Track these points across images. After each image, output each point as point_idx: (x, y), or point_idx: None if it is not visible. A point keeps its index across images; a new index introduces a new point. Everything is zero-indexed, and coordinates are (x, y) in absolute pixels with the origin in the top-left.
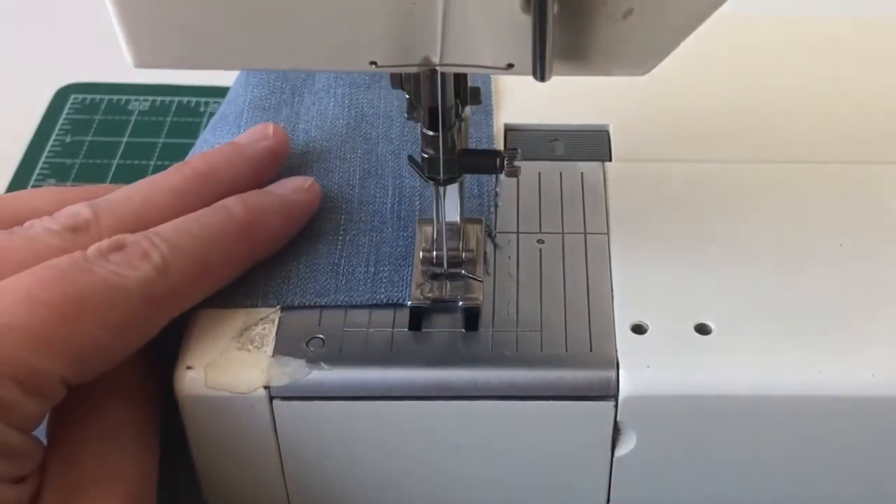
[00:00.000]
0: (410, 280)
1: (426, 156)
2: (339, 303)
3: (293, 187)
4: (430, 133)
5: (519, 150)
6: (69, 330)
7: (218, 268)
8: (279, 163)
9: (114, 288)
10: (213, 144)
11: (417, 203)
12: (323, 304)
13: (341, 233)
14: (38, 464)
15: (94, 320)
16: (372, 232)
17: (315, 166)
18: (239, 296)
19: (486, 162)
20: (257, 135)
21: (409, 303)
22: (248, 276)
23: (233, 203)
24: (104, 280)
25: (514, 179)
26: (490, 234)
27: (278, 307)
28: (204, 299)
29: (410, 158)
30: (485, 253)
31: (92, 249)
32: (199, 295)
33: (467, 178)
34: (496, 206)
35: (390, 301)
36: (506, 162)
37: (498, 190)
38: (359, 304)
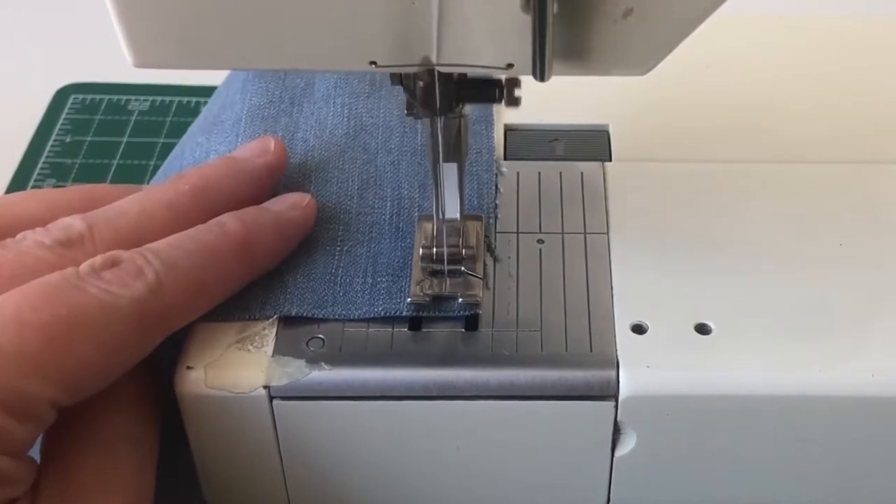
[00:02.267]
0: (408, 292)
1: (421, 84)
2: (336, 316)
3: (290, 204)
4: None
5: (520, 79)
6: (59, 352)
7: (213, 285)
8: (277, 178)
9: (106, 307)
10: (208, 150)
11: (416, 214)
12: (321, 316)
13: (339, 243)
14: (29, 485)
15: (86, 341)
16: (370, 243)
17: (313, 176)
18: (237, 308)
19: (486, 91)
20: (256, 150)
21: (408, 300)
22: (245, 288)
23: (229, 220)
24: (96, 299)
25: (515, 180)
26: (490, 248)
27: (275, 317)
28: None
29: (405, 88)
30: (485, 255)
31: (85, 266)
32: (194, 313)
33: (467, 179)
34: (496, 217)
35: (388, 314)
36: (506, 91)
37: (498, 202)
38: (356, 317)
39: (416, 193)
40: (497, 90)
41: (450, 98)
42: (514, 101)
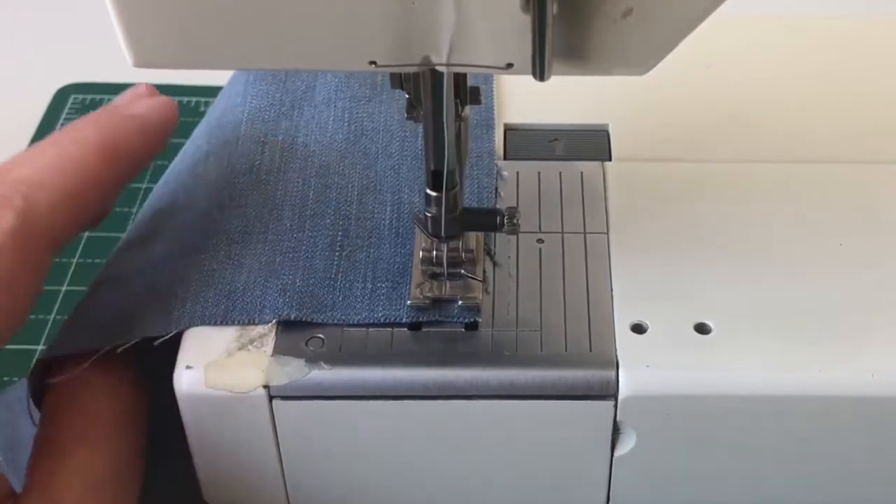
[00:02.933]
0: (408, 298)
1: (429, 215)
2: (336, 321)
3: (148, 105)
4: (433, 193)
5: (519, 210)
6: None
7: (87, 194)
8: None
9: None
10: (208, 152)
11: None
12: (320, 321)
13: (338, 249)
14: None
15: None
16: (369, 248)
17: (313, 181)
18: (236, 313)
19: (487, 220)
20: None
21: (408, 303)
22: (244, 293)
23: (86, 129)
24: None
25: (514, 181)
26: (489, 252)
27: (274, 322)
28: (202, 317)
29: (416, 217)
30: (484, 256)
31: None
32: (77, 222)
33: (467, 179)
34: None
35: (388, 321)
36: (506, 220)
37: (498, 207)
38: (356, 322)
39: (417, 198)
40: (498, 218)
41: (454, 227)
42: (514, 230)
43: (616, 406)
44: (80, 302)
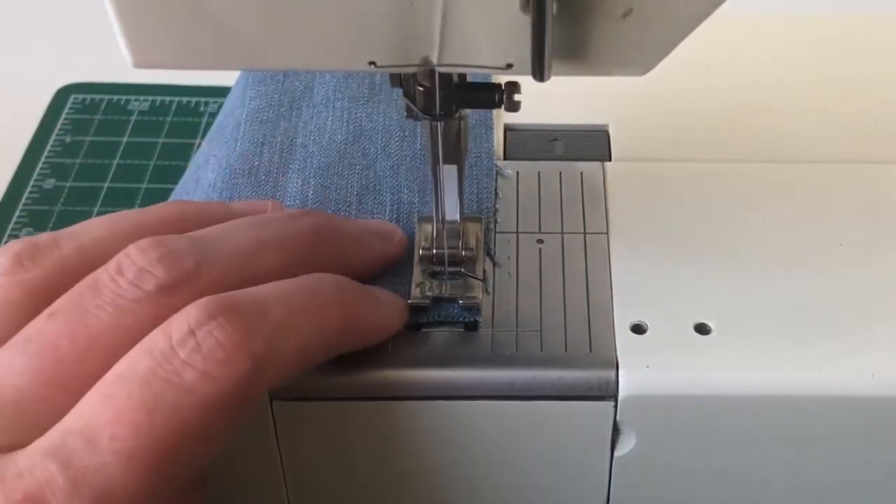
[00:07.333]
0: (408, 297)
1: (421, 89)
2: None
3: (388, 294)
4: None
5: (520, 84)
6: (165, 469)
7: (315, 356)
8: (386, 266)
9: (207, 400)
10: (209, 155)
11: (415, 220)
12: None
13: None
14: None
15: (188, 444)
16: None
17: (312, 182)
18: None
19: (485, 95)
20: (387, 232)
21: (408, 302)
22: None
23: (334, 284)
24: (196, 396)
25: (514, 181)
26: (489, 253)
27: None
28: None
29: (405, 93)
30: (484, 255)
31: (180, 336)
32: (287, 379)
33: (467, 183)
34: (496, 222)
35: None
36: (505, 95)
37: (498, 207)
38: None
39: (416, 198)
40: (496, 94)
41: (449, 102)
42: (513, 107)
43: (616, 406)
44: None
